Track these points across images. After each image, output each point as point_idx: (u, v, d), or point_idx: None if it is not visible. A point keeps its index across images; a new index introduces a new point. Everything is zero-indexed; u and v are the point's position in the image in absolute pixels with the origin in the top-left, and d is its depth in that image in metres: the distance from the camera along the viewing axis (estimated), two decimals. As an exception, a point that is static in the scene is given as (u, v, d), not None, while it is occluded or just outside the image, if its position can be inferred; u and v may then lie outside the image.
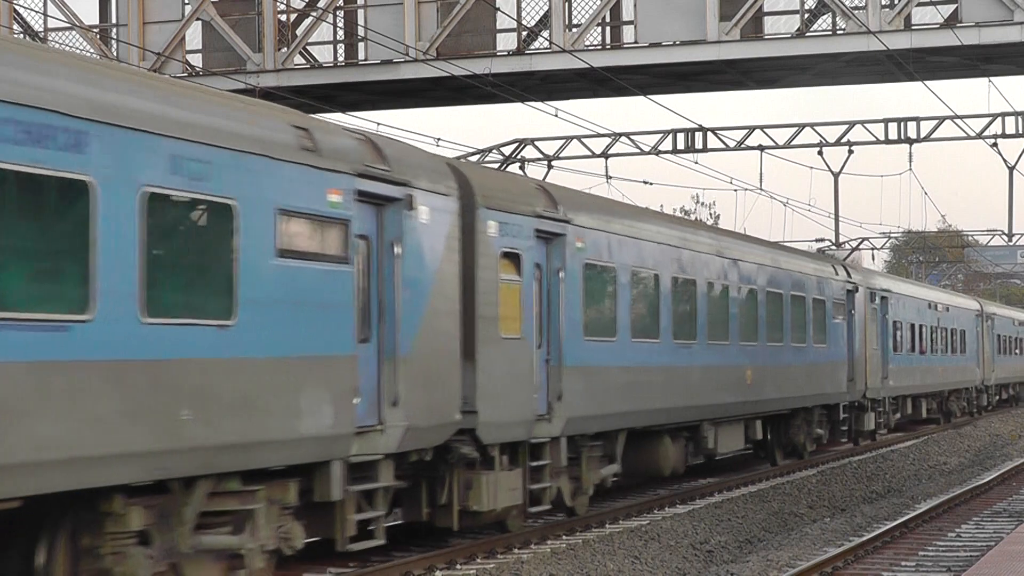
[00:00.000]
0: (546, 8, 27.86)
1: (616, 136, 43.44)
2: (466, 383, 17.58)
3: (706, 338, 25.95)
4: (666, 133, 43.00)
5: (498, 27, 28.24)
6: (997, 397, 63.94)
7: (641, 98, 30.78)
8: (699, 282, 25.70)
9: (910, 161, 51.90)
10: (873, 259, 68.98)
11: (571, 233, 20.34)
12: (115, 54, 29.41)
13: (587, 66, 27.19)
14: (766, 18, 27.56)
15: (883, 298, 40.05)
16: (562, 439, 20.17)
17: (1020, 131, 42.42)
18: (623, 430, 22.28)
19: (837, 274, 35.31)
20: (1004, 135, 42.63)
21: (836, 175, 51.58)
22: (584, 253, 20.73)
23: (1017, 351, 70.37)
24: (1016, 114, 42.45)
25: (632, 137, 43.53)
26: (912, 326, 44.50)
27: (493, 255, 18.34)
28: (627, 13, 27.95)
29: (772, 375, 29.87)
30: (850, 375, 35.75)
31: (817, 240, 60.70)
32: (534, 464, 19.45)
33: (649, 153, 43.34)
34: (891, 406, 41.65)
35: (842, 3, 26.70)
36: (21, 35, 29.52)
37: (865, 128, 44.05)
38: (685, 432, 25.28)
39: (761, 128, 44.22)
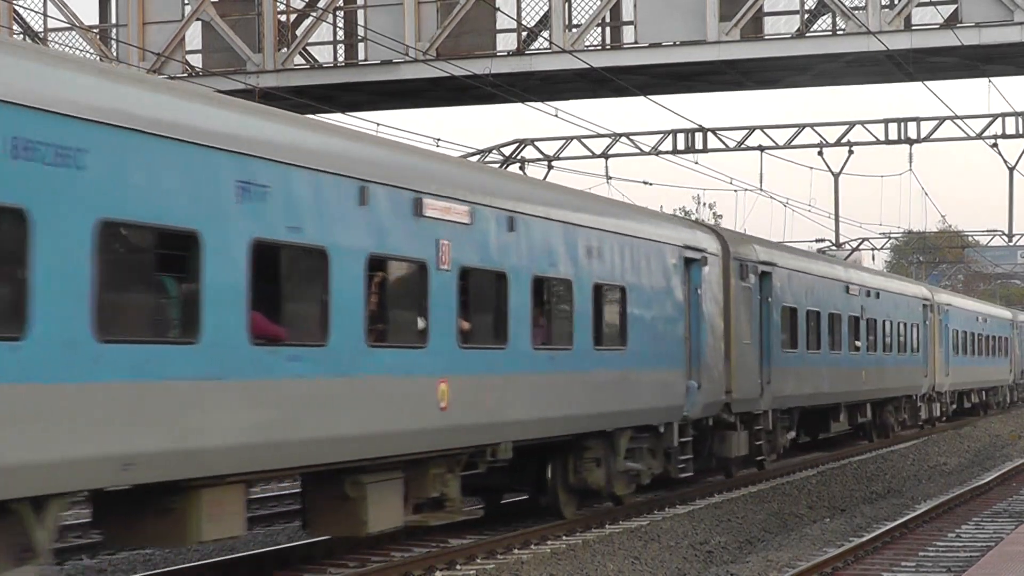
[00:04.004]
0: (546, 8, 27.85)
1: (616, 136, 43.44)
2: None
3: None
4: (666, 133, 43.02)
5: (498, 27, 28.24)
6: (791, 435, 32.00)
7: (641, 98, 30.80)
8: None
9: (910, 161, 52.10)
10: (873, 259, 68.89)
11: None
12: (115, 54, 29.41)
13: (587, 66, 27.18)
14: (766, 18, 27.56)
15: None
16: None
17: (1020, 131, 42.44)
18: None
19: None
20: (1004, 135, 42.66)
21: (836, 175, 51.63)
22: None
23: (856, 345, 36.75)
24: (1016, 114, 42.47)
25: (632, 137, 43.55)
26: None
27: None
28: (627, 13, 27.95)
29: None
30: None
31: (817, 240, 60.77)
32: None
33: (649, 153, 43.36)
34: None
35: (842, 3, 26.69)
36: (21, 35, 29.53)
37: (865, 128, 44.08)
38: None
39: (761, 128, 44.25)
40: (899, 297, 42.31)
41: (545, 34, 27.93)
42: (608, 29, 28.15)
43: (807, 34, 27.27)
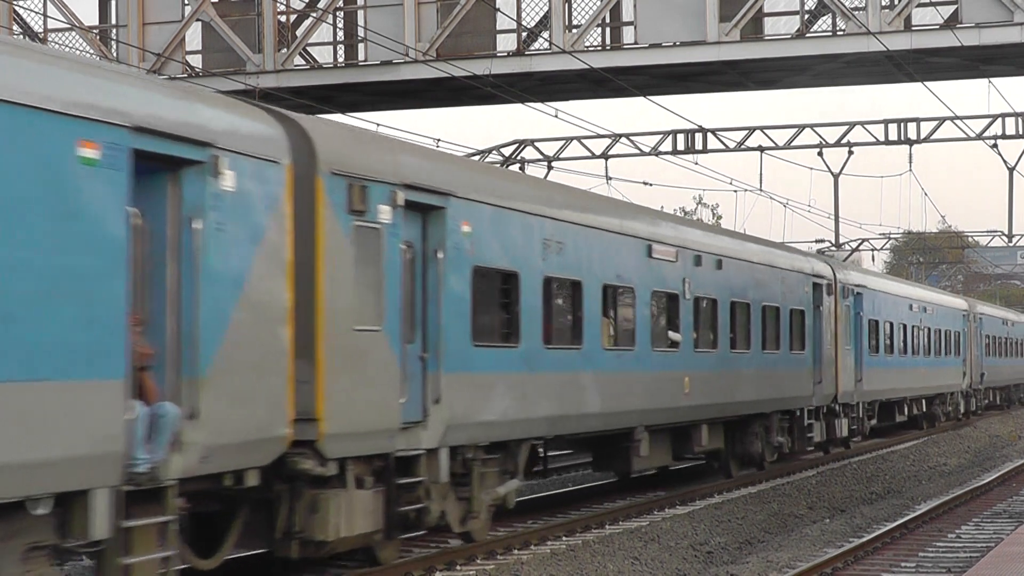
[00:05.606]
0: (546, 9, 27.85)
1: (616, 137, 43.43)
2: None
3: None
4: (666, 134, 43.02)
5: (498, 28, 28.23)
6: (513, 484, 19.42)
7: (641, 99, 30.78)
8: None
9: (910, 162, 51.93)
10: (873, 260, 68.92)
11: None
12: (115, 55, 29.41)
13: (587, 67, 27.18)
14: (766, 19, 27.56)
15: None
16: None
17: (1020, 132, 42.44)
18: None
19: None
20: (1004, 136, 42.65)
21: (836, 176, 51.63)
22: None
23: (673, 339, 25.07)
24: (1016, 115, 42.46)
25: (632, 138, 43.54)
26: None
27: None
28: (627, 14, 27.94)
29: None
30: None
31: (817, 241, 60.78)
32: None
33: (649, 154, 43.35)
34: None
35: (842, 4, 26.69)
36: (21, 36, 29.52)
37: (865, 129, 44.08)
38: None
39: (761, 129, 44.23)
40: (764, 270, 29.59)
41: (545, 34, 27.93)
42: (608, 29, 28.15)
43: (807, 34, 27.26)
